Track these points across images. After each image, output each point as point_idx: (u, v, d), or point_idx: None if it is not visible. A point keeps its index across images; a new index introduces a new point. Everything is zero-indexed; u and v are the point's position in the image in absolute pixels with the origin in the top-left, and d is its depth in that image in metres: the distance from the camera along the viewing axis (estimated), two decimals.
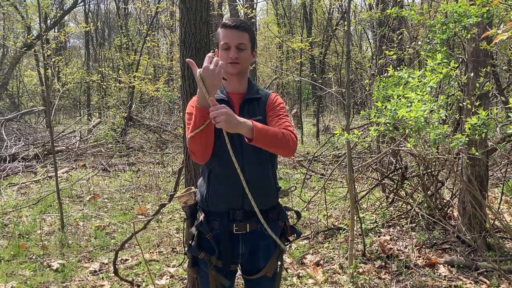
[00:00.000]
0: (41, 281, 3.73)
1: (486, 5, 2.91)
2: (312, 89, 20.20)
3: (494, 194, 5.83)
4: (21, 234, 4.90)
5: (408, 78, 2.91)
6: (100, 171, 8.36)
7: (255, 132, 1.69)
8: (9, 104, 17.10)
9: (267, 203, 1.96)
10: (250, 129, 1.69)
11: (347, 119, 3.62)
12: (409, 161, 5.46)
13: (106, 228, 5.18)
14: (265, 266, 1.98)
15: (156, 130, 11.76)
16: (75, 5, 18.37)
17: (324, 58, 14.85)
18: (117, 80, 14.93)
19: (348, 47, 3.65)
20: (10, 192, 6.83)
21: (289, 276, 3.69)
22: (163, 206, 3.73)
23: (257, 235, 1.96)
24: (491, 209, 3.66)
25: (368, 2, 8.79)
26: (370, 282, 3.47)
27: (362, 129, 6.11)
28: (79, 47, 30.78)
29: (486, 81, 3.76)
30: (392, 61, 5.71)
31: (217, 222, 1.92)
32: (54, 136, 9.32)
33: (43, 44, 6.20)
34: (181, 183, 3.41)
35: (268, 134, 1.74)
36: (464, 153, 3.66)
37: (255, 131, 1.69)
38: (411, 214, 4.50)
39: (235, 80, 1.94)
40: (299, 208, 5.39)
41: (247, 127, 1.69)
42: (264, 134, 1.72)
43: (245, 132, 1.69)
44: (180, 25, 2.98)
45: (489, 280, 3.48)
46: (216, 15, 12.41)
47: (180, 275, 3.79)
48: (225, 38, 1.87)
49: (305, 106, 21.28)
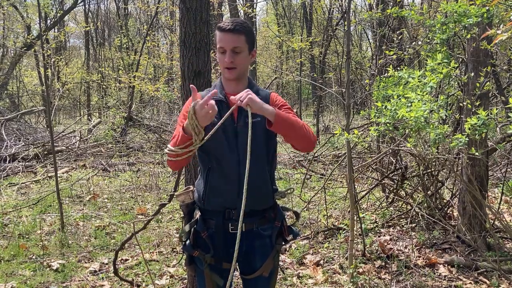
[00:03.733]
0: (41, 281, 3.73)
1: (486, 5, 2.91)
2: (312, 89, 20.18)
3: (494, 194, 5.83)
4: (21, 234, 4.90)
5: (408, 78, 2.91)
6: (100, 171, 8.36)
7: (277, 116, 1.77)
8: (9, 104, 17.09)
9: (262, 204, 1.97)
10: (272, 113, 1.77)
11: (347, 119, 3.62)
12: (409, 161, 5.46)
13: (106, 228, 5.18)
14: (261, 266, 1.98)
15: (156, 130, 11.76)
16: (75, 5, 18.35)
17: (324, 58, 14.85)
18: (117, 80, 14.93)
19: (348, 47, 3.65)
20: (10, 192, 6.83)
21: (289, 276, 3.69)
22: (163, 206, 3.73)
23: (253, 235, 1.97)
24: (491, 209, 3.66)
25: (368, 2, 8.79)
26: (370, 282, 3.47)
27: (362, 129, 6.10)
28: (79, 47, 30.77)
29: (486, 81, 3.76)
30: (392, 61, 5.71)
31: (213, 221, 1.93)
32: (54, 136, 9.32)
33: (43, 44, 6.20)
34: (181, 183, 3.41)
35: (290, 121, 1.81)
36: (464, 153, 3.67)
37: (276, 114, 1.77)
38: (411, 214, 4.50)
39: (233, 82, 1.95)
40: (299, 208, 5.38)
41: (270, 109, 1.77)
42: (285, 119, 1.80)
43: (268, 114, 1.77)
44: (180, 25, 2.98)
45: (489, 280, 3.48)
46: (216, 15, 12.42)
47: (180, 275, 3.79)
48: (221, 42, 1.87)
49: (305, 106, 21.26)
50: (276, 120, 1.76)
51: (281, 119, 1.78)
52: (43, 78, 16.55)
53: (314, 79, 13.72)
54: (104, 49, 23.45)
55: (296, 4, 21.97)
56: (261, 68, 21.53)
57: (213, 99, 1.94)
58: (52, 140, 5.41)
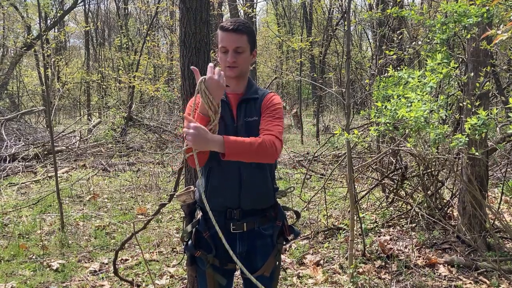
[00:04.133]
0: (41, 281, 3.73)
1: (486, 5, 2.91)
2: (312, 89, 20.18)
3: (494, 194, 5.83)
4: (21, 234, 4.90)
5: (408, 78, 2.91)
6: (100, 171, 8.36)
7: (227, 148, 1.71)
8: (9, 104, 17.09)
9: (263, 203, 1.97)
10: (221, 145, 1.71)
11: (347, 119, 3.62)
12: (409, 161, 5.46)
13: (106, 228, 5.18)
14: (262, 266, 1.98)
15: (156, 130, 11.76)
16: (75, 5, 18.33)
17: (324, 58, 14.86)
18: (117, 80, 14.93)
19: (348, 47, 3.65)
20: (10, 192, 6.83)
21: (289, 276, 3.69)
22: (163, 206, 3.73)
23: (255, 235, 1.97)
24: (491, 209, 3.66)
25: (368, 2, 8.79)
26: (370, 282, 3.47)
27: (362, 129, 6.10)
28: (79, 47, 30.76)
29: (486, 81, 3.76)
30: (392, 61, 5.71)
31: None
32: (54, 136, 9.32)
33: (43, 44, 6.20)
34: (181, 183, 3.41)
35: (242, 147, 1.74)
36: (464, 153, 3.67)
37: (226, 146, 1.70)
38: (411, 214, 4.50)
39: (234, 81, 1.95)
40: (299, 208, 5.38)
41: (218, 144, 1.70)
42: (237, 148, 1.73)
43: (217, 149, 1.71)
44: (180, 25, 2.98)
45: (489, 280, 3.48)
46: (216, 15, 12.42)
47: (180, 275, 3.79)
48: (223, 42, 1.87)
49: (305, 106, 21.26)
50: (227, 153, 1.71)
51: (233, 150, 1.72)
52: (43, 78, 16.56)
53: (314, 79, 13.72)
54: (104, 49, 23.45)
55: (296, 4, 21.98)
56: (261, 68, 21.53)
57: None
58: (52, 140, 5.41)
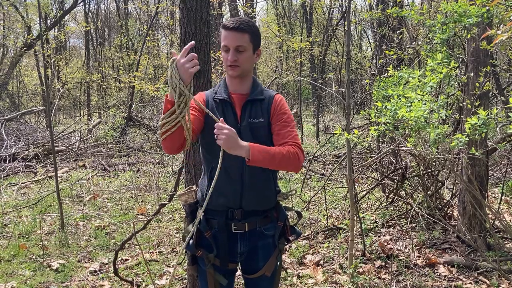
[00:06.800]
0: (41, 281, 3.73)
1: (486, 5, 2.91)
2: (312, 89, 20.18)
3: (494, 194, 5.83)
4: (21, 234, 4.90)
5: (408, 78, 2.92)
6: (100, 171, 8.36)
7: (251, 155, 1.72)
8: (9, 104, 17.09)
9: (265, 204, 1.97)
10: (247, 152, 1.72)
11: (347, 119, 3.62)
12: (409, 161, 5.46)
13: (106, 228, 5.18)
14: (264, 266, 1.98)
15: (156, 130, 11.75)
16: (75, 5, 18.33)
17: (324, 58, 14.86)
18: (117, 80, 14.93)
19: (348, 47, 3.65)
20: (10, 192, 6.83)
21: (289, 276, 3.69)
22: (163, 206, 3.73)
23: (256, 235, 1.97)
24: (491, 209, 3.66)
25: (368, 2, 8.79)
26: (370, 282, 3.47)
27: (362, 129, 6.11)
28: (79, 47, 30.72)
29: (486, 81, 3.76)
30: (392, 61, 5.71)
31: (216, 220, 1.93)
32: (54, 136, 9.32)
33: (43, 44, 6.20)
34: (181, 183, 3.41)
35: (266, 158, 1.76)
36: (464, 153, 3.67)
37: (251, 153, 1.72)
38: (411, 214, 4.50)
39: (237, 81, 1.93)
40: (299, 208, 5.38)
41: (245, 150, 1.72)
42: (261, 157, 1.75)
43: (243, 154, 1.73)
44: (180, 25, 2.98)
45: (489, 280, 3.48)
46: (216, 15, 12.42)
47: (180, 275, 3.79)
48: (225, 40, 1.85)
49: (305, 106, 21.25)
50: (252, 159, 1.73)
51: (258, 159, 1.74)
52: (43, 78, 16.57)
53: (314, 79, 13.72)
54: (104, 49, 23.44)
55: (296, 4, 21.97)
56: (261, 68, 21.52)
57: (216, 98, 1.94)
58: (52, 140, 5.41)
